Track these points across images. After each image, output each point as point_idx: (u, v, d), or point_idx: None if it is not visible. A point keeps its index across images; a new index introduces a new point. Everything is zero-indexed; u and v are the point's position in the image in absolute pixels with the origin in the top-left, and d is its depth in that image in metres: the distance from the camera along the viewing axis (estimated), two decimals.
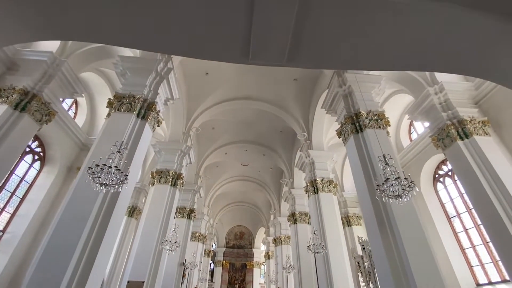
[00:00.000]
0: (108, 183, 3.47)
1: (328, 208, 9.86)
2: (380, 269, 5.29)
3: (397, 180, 3.75)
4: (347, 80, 7.72)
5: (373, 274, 10.82)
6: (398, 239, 5.08)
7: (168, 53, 2.38)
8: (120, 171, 3.56)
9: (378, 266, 5.41)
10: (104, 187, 3.50)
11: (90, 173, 3.43)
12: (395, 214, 5.29)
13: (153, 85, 7.30)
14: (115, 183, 3.54)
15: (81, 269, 4.60)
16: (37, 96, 6.86)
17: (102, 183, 3.46)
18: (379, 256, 5.35)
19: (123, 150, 3.77)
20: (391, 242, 5.17)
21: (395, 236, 5.18)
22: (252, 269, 27.64)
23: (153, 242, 8.44)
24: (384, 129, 6.84)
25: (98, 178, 3.49)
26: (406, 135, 11.94)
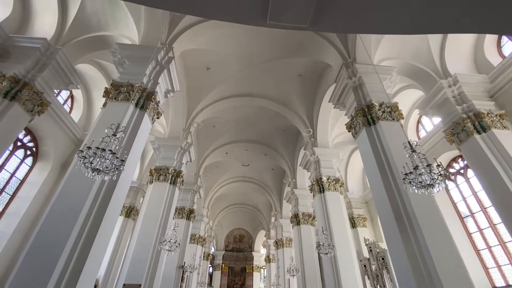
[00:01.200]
0: (101, 169, 3.03)
1: (335, 207, 9.42)
2: (400, 269, 4.85)
3: (428, 168, 3.32)
4: (358, 71, 7.37)
5: (381, 277, 10.35)
6: (420, 237, 4.65)
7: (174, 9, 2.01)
8: (115, 156, 3.12)
9: (397, 266, 4.97)
10: (97, 174, 3.06)
11: (81, 157, 2.99)
12: (416, 211, 4.87)
13: (153, 74, 6.90)
14: (110, 170, 3.10)
15: (71, 269, 4.13)
16: (28, 85, 6.43)
17: (95, 168, 3.02)
18: (398, 256, 4.91)
19: (119, 133, 3.34)
20: (412, 241, 4.74)
21: (416, 234, 4.75)
22: (251, 273, 27.00)
23: (151, 242, 7.95)
24: (398, 121, 6.45)
25: (90, 163, 3.05)
26: (414, 133, 11.56)
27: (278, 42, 10.19)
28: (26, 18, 7.43)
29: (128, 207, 13.27)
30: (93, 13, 7.87)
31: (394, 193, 5.33)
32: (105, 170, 3.06)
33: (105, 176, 3.15)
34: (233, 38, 9.93)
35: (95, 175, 3.06)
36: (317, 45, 9.47)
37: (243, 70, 11.47)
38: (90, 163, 3.05)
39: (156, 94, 6.66)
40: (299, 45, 10.03)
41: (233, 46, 10.27)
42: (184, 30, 8.56)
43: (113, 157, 3.10)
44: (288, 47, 10.26)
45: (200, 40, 9.40)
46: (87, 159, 3.02)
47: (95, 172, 3.05)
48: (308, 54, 10.20)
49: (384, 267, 10.17)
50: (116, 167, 3.19)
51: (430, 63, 8.59)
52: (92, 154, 3.04)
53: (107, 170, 3.10)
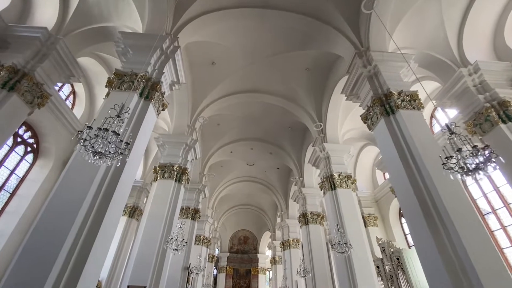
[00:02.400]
0: (103, 152, 2.67)
1: (348, 205, 8.99)
2: (430, 268, 4.42)
3: (474, 150, 2.91)
4: (373, 59, 6.99)
5: (397, 278, 9.88)
6: (452, 232, 4.23)
7: None
8: (118, 136, 2.75)
9: (427, 265, 4.54)
10: (98, 158, 2.70)
11: (80, 139, 2.63)
12: (446, 203, 4.45)
13: (158, 64, 6.56)
14: (113, 154, 2.74)
15: (70, 270, 3.76)
16: (28, 75, 6.13)
17: (96, 152, 2.66)
18: (427, 254, 4.48)
19: (123, 115, 2.98)
20: (444, 236, 4.32)
21: (447, 228, 4.33)
22: (257, 275, 26.48)
23: (156, 242, 7.58)
24: (419, 110, 6.05)
25: (92, 147, 2.69)
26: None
27: (285, 35, 9.85)
28: (26, 8, 7.15)
29: (132, 207, 12.93)
30: (95, 3, 7.58)
31: (419, 186, 4.92)
32: (107, 153, 2.69)
33: (108, 161, 2.78)
34: (238, 31, 9.61)
35: (96, 159, 2.70)
36: (326, 36, 9.09)
37: (248, 64, 11.13)
38: (91, 146, 2.69)
39: (161, 84, 6.32)
40: (307, 37, 9.67)
41: (239, 39, 9.94)
42: (189, 21, 8.24)
43: (116, 138, 2.74)
44: (295, 39, 9.90)
45: (205, 32, 9.07)
46: (88, 141, 2.66)
47: (97, 156, 2.69)
48: (317, 46, 9.83)
49: (399, 267, 9.71)
50: (120, 152, 2.82)
51: (447, 52, 8.20)
52: (93, 136, 2.68)
53: (110, 154, 2.73)
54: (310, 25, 9.01)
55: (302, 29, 9.37)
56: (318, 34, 9.23)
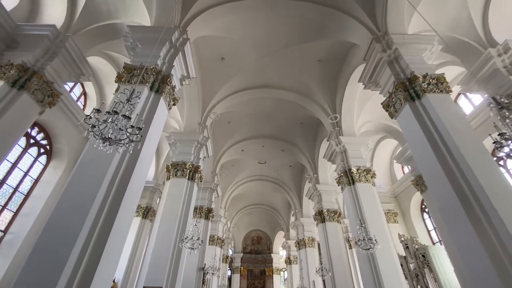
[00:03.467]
0: (113, 137, 2.42)
1: (368, 199, 8.53)
2: (474, 267, 3.96)
3: None
4: (393, 42, 6.55)
5: (423, 277, 9.33)
6: (499, 227, 3.78)
7: None
8: (129, 121, 2.50)
9: (469, 263, 4.07)
10: (109, 144, 2.46)
11: (88, 124, 2.39)
12: (489, 193, 3.99)
13: (168, 57, 6.36)
14: (124, 139, 2.49)
15: (83, 269, 3.55)
16: (37, 73, 6.03)
17: (106, 137, 2.42)
18: (470, 251, 4.02)
19: (134, 99, 2.73)
20: (489, 231, 3.87)
21: (492, 222, 3.88)
22: (271, 275, 26.09)
23: (171, 242, 7.37)
24: (448, 93, 5.58)
25: (101, 133, 2.45)
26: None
27: (297, 25, 9.50)
28: (34, 8, 7.11)
29: (145, 207, 12.84)
30: (102, 0, 7.48)
31: (455, 175, 4.47)
32: (118, 139, 2.44)
33: (119, 148, 2.54)
34: (248, 23, 9.33)
35: (107, 146, 2.46)
36: (340, 24, 8.69)
37: (258, 59, 10.83)
38: (101, 132, 2.45)
39: (172, 78, 6.10)
40: (319, 26, 9.29)
41: (249, 32, 9.66)
42: (197, 14, 8.02)
43: (127, 122, 2.49)
44: (307, 30, 9.54)
45: (214, 25, 8.84)
46: (97, 127, 2.42)
47: (107, 142, 2.45)
48: (330, 36, 9.43)
49: (425, 265, 9.17)
50: (131, 140, 2.57)
51: (471, 33, 7.66)
52: (102, 122, 2.44)
53: (120, 140, 2.49)
54: (322, 13, 8.64)
55: (314, 18, 9.01)
56: (331, 23, 8.85)
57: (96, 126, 2.42)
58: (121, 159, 4.44)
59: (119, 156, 4.45)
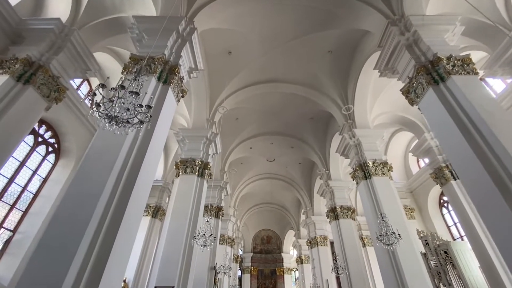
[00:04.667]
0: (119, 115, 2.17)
1: (386, 194, 8.14)
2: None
3: None
4: (412, 24, 6.16)
5: (445, 274, 8.85)
6: None
7: None
8: (137, 97, 2.24)
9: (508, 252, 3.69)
10: (115, 124, 2.21)
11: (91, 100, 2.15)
12: None
13: (175, 47, 6.13)
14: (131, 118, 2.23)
15: (91, 267, 3.31)
16: (43, 67, 5.89)
17: (112, 116, 2.17)
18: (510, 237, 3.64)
19: (141, 77, 2.47)
20: None
21: None
22: (282, 275, 25.70)
23: (182, 240, 7.13)
24: (476, 75, 5.18)
25: (106, 110, 2.20)
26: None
27: (304, 16, 9.17)
28: (39, 2, 6.99)
29: (154, 207, 12.69)
30: None
31: (490, 160, 4.09)
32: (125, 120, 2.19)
33: (127, 129, 2.29)
34: (256, 14, 9.05)
35: (113, 125, 2.21)
36: (350, 11, 8.34)
37: (266, 52, 10.53)
38: (105, 109, 2.20)
39: (180, 68, 5.87)
40: (328, 15, 8.94)
41: (256, 24, 9.38)
42: (204, 5, 7.79)
43: (135, 99, 2.23)
44: (315, 20, 9.20)
45: (220, 17, 8.59)
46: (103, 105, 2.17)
47: (113, 121, 2.20)
48: (340, 25, 9.08)
49: (448, 262, 8.69)
50: (140, 120, 2.32)
51: (494, 14, 7.20)
52: (108, 101, 2.20)
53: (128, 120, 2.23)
54: (331, 0, 8.31)
55: (322, 7, 8.68)
56: (341, 10, 8.51)
57: (101, 104, 2.16)
58: (129, 152, 4.22)
59: (127, 148, 4.22)
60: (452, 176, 8.94)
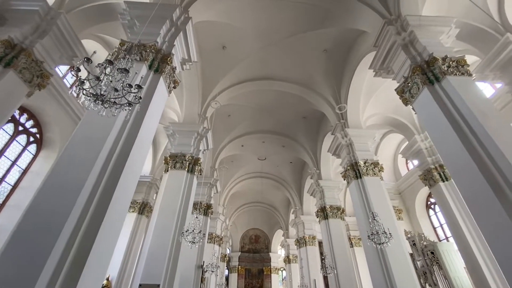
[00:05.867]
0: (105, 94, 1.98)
1: (376, 194, 8.16)
2: (507, 254, 3.58)
3: None
4: (409, 24, 6.17)
5: (431, 274, 8.99)
6: None
7: None
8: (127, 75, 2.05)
9: (502, 250, 3.69)
10: (101, 104, 2.01)
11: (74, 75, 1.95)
12: None
13: (168, 36, 5.91)
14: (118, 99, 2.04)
15: (70, 263, 3.08)
16: (26, 51, 5.53)
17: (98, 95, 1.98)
18: (503, 237, 3.64)
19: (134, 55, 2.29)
20: None
21: None
22: (269, 275, 25.65)
23: (169, 236, 6.91)
24: (471, 76, 5.22)
25: (92, 94, 2.00)
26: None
27: (301, 14, 9.09)
28: None
29: (141, 203, 12.34)
30: None
31: (484, 160, 4.10)
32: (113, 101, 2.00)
33: (115, 111, 2.10)
34: (252, 9, 8.89)
35: (99, 104, 2.02)
36: (347, 10, 8.32)
37: (261, 49, 10.41)
38: (92, 93, 2.00)
39: (172, 57, 5.64)
40: (325, 14, 8.90)
41: (252, 19, 9.22)
42: None
43: (125, 76, 2.04)
44: (312, 18, 9.14)
45: (216, 9, 8.39)
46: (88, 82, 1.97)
47: (99, 101, 2.00)
48: (337, 23, 9.05)
49: (434, 262, 8.82)
50: (129, 102, 2.13)
51: (487, 19, 7.33)
52: (94, 78, 2.00)
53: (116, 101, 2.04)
54: None
55: (322, 5, 8.62)
56: (338, 9, 8.48)
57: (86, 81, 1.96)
58: (116, 141, 3.99)
59: (114, 137, 4.00)
60: (440, 177, 9.08)
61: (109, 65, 2.03)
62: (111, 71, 2.03)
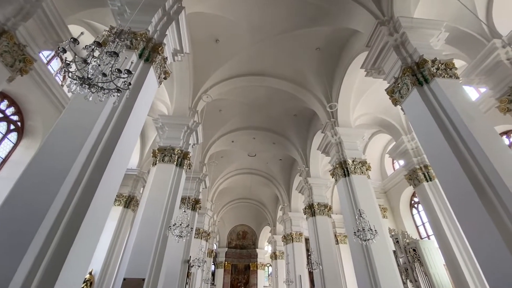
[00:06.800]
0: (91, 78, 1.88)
1: (364, 192, 8.32)
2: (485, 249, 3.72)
3: None
4: (401, 26, 6.26)
5: (412, 271, 9.28)
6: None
7: None
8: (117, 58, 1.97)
9: (481, 246, 3.83)
10: (87, 87, 1.91)
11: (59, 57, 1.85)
12: (504, 178, 3.76)
13: (160, 25, 5.75)
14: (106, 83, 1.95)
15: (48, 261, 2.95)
16: (7, 33, 5.26)
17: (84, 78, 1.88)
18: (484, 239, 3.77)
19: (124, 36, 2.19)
20: (505, 218, 3.64)
21: (507, 208, 3.65)
22: (256, 270, 25.84)
23: (155, 230, 6.80)
24: (458, 79, 5.37)
25: (79, 78, 1.90)
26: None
27: (295, 10, 9.07)
28: None
29: (127, 196, 12.09)
30: None
31: (468, 161, 4.23)
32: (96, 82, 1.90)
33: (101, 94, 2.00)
34: (245, 4, 8.81)
35: (85, 88, 1.92)
36: (341, 9, 8.35)
37: (254, 44, 10.32)
38: (78, 76, 1.90)
39: (164, 47, 5.51)
40: (319, 11, 8.90)
41: (247, 13, 9.13)
42: None
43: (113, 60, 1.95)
44: (306, 15, 9.14)
45: (210, 0, 8.25)
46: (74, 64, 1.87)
47: (85, 85, 1.90)
48: (331, 22, 9.08)
49: (416, 259, 9.11)
50: (117, 88, 2.04)
51: (475, 25, 7.55)
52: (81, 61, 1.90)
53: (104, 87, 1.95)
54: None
55: (315, 2, 8.62)
56: (332, 7, 8.50)
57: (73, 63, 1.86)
58: (103, 129, 3.87)
59: (101, 126, 3.87)
60: (425, 178, 9.35)
61: (97, 47, 1.93)
62: (99, 54, 1.93)
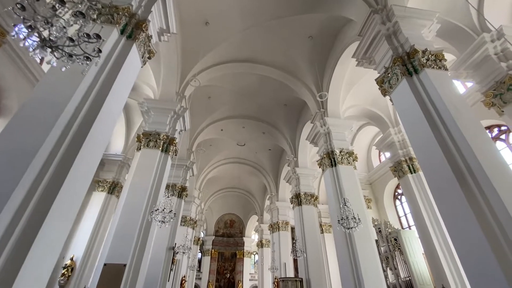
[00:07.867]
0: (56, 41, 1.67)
1: (349, 182, 8.40)
2: (468, 243, 3.79)
3: None
4: (394, 14, 6.17)
5: (393, 259, 9.57)
6: (494, 201, 3.62)
7: None
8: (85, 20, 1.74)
9: (463, 240, 3.90)
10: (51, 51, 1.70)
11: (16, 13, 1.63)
12: (485, 168, 3.83)
13: (145, 1, 5.41)
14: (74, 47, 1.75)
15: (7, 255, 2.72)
16: None
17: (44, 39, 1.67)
18: (464, 227, 3.84)
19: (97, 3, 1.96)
20: (484, 206, 3.71)
21: (486, 197, 3.72)
22: (242, 258, 26.21)
23: (139, 216, 6.64)
24: (447, 70, 5.37)
25: (43, 40, 1.69)
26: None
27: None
28: None
29: (112, 182, 11.80)
30: None
31: (452, 151, 4.27)
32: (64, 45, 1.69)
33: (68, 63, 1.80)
34: None
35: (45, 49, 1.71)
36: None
37: (246, 29, 10.02)
38: (43, 39, 1.68)
39: (148, 24, 5.21)
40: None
41: None
42: None
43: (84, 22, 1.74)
44: (299, 1, 8.91)
45: None
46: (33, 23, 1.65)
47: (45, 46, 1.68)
48: (324, 9, 8.90)
49: (396, 248, 9.39)
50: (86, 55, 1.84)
51: (466, 18, 7.56)
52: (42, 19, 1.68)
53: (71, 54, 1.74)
54: None
55: None
56: None
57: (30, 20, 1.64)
58: (79, 106, 3.63)
59: (77, 103, 3.63)
60: (409, 170, 9.54)
61: (61, 5, 1.72)
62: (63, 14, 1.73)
